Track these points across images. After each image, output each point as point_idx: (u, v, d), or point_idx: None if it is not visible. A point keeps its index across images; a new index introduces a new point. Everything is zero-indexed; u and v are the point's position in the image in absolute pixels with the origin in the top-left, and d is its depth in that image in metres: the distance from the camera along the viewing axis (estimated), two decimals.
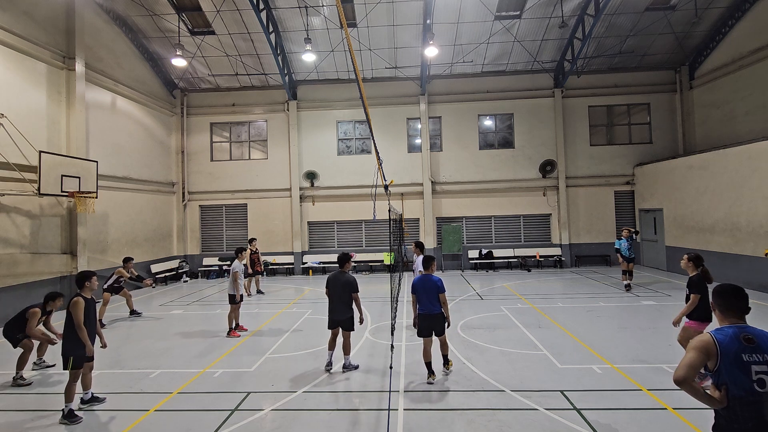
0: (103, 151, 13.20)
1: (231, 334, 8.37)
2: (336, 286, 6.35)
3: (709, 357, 2.49)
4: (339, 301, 6.34)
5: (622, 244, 12.14)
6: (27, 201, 10.45)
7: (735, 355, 2.44)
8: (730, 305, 2.63)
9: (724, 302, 2.65)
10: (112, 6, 13.95)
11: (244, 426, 4.81)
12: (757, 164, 11.18)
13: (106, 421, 5.08)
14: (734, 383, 2.42)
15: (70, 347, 5.11)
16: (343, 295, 6.32)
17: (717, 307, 2.69)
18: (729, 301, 2.64)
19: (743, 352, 2.43)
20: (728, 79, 14.78)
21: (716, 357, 2.47)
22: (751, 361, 2.42)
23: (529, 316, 9.34)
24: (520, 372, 6.14)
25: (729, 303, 2.64)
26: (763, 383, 2.39)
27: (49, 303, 6.61)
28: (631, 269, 12.03)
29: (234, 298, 8.35)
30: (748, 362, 2.42)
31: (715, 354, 2.47)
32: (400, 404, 5.22)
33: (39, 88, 11.05)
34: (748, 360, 2.42)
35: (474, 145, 17.59)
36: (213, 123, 18.19)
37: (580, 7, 14.69)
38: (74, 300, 5.13)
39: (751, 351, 2.43)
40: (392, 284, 8.17)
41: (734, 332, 2.51)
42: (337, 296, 6.33)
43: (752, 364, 2.41)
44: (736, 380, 2.42)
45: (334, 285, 6.39)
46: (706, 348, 2.50)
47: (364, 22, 14.93)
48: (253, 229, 17.70)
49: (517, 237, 17.51)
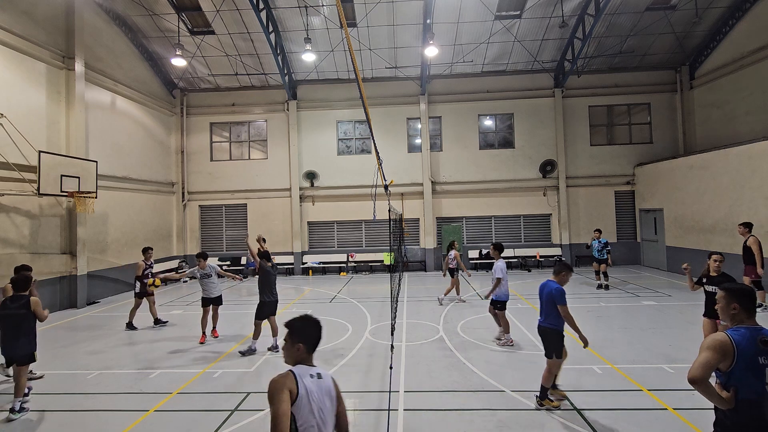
0: (102, 151, 13.19)
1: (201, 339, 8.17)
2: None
3: (725, 358, 2.43)
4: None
5: (594, 245, 12.43)
6: (26, 201, 10.45)
7: (751, 357, 2.39)
8: (747, 306, 2.57)
9: (751, 305, 2.58)
10: (112, 6, 13.94)
11: (244, 426, 4.80)
12: (757, 164, 11.17)
13: (106, 421, 5.07)
14: (746, 385, 2.38)
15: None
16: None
17: (743, 310, 2.61)
18: (753, 304, 2.59)
19: (759, 354, 2.38)
20: (729, 79, 14.77)
21: (732, 358, 2.41)
22: (765, 364, 2.38)
23: (529, 316, 9.33)
24: (520, 372, 6.13)
25: (753, 305, 2.58)
26: None
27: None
28: (603, 270, 12.14)
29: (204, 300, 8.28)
30: (763, 365, 2.37)
31: (732, 355, 2.41)
32: (400, 404, 5.22)
33: (39, 87, 11.04)
34: (763, 363, 2.37)
35: (474, 145, 17.58)
36: (213, 123, 18.18)
37: (580, 6, 14.68)
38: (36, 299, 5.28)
39: (766, 354, 2.38)
40: (392, 284, 8.17)
41: (751, 334, 2.45)
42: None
43: (766, 368, 2.38)
44: (749, 383, 2.38)
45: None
46: (723, 348, 2.44)
47: (364, 21, 14.92)
48: (253, 229, 17.69)
49: (518, 237, 17.50)
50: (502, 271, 7.29)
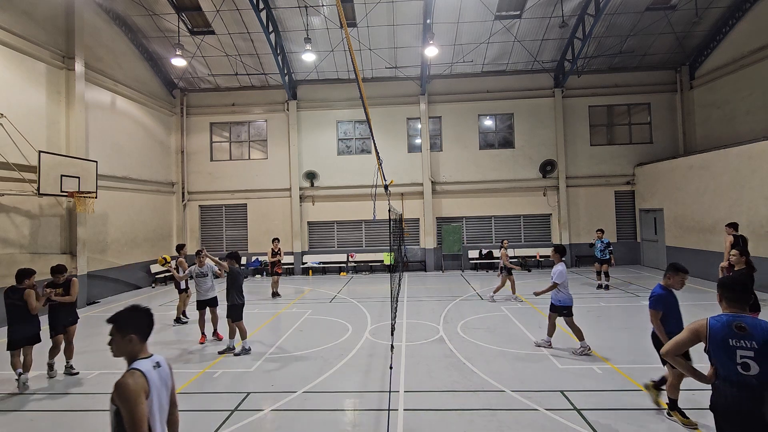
0: (102, 151, 13.19)
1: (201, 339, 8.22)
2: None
3: (700, 339, 2.81)
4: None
5: (596, 245, 12.44)
6: (26, 201, 10.44)
7: (722, 339, 2.70)
8: (737, 298, 2.82)
9: (732, 295, 2.84)
10: (112, 6, 13.94)
11: (244, 426, 4.80)
12: (757, 164, 11.17)
13: (106, 421, 5.06)
14: (721, 365, 2.72)
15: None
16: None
17: (724, 299, 2.88)
18: (736, 294, 2.83)
19: (731, 337, 2.68)
20: (729, 79, 14.77)
21: (706, 340, 2.77)
22: (737, 346, 2.66)
23: (529, 316, 9.34)
24: (520, 372, 6.13)
25: (736, 296, 2.82)
26: (747, 367, 2.62)
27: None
28: (605, 270, 12.15)
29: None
30: (733, 347, 2.67)
31: (705, 337, 2.77)
32: (400, 404, 5.21)
33: (39, 87, 11.04)
34: (734, 345, 2.67)
35: (474, 145, 17.58)
36: (213, 123, 18.18)
37: (580, 6, 14.68)
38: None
39: (739, 338, 2.66)
40: (392, 284, 8.17)
41: (728, 320, 2.74)
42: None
43: (738, 349, 2.65)
44: (722, 362, 2.71)
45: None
46: (697, 330, 2.82)
47: (364, 21, 14.92)
48: (253, 229, 17.72)
49: (518, 237, 17.50)
50: (562, 276, 6.83)
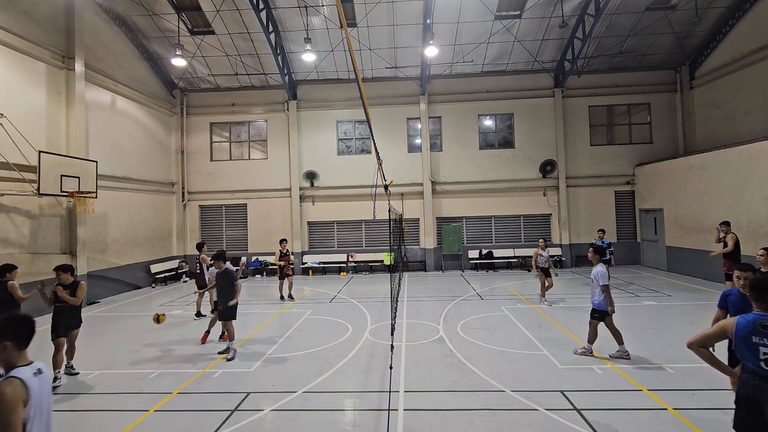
0: (102, 151, 13.19)
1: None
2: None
3: (727, 335, 3.03)
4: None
5: (598, 245, 12.26)
6: (26, 201, 10.44)
7: (744, 336, 2.91)
8: (765, 298, 2.97)
9: (760, 295, 2.99)
10: (112, 6, 13.94)
11: (244, 426, 4.80)
12: (757, 164, 11.17)
13: (106, 421, 5.07)
14: (747, 359, 2.92)
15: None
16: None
17: (754, 299, 3.03)
18: (765, 295, 2.98)
19: (754, 334, 2.87)
20: (729, 79, 14.77)
21: (732, 335, 2.99)
22: (760, 343, 2.84)
23: (529, 316, 9.34)
24: (520, 372, 6.13)
25: (765, 296, 2.98)
26: None
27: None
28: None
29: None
30: (756, 344, 2.85)
31: (731, 334, 2.99)
32: (400, 404, 5.22)
33: (39, 87, 11.04)
34: (756, 342, 2.86)
35: (474, 145, 17.58)
36: (213, 123, 18.18)
37: (580, 6, 14.68)
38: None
39: (762, 336, 2.84)
40: (392, 284, 8.17)
41: (755, 318, 2.93)
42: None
43: (760, 346, 2.84)
44: (746, 357, 2.92)
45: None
46: (724, 327, 3.04)
47: (364, 21, 14.92)
48: (253, 229, 17.71)
49: (518, 237, 17.50)
50: (606, 276, 6.61)
